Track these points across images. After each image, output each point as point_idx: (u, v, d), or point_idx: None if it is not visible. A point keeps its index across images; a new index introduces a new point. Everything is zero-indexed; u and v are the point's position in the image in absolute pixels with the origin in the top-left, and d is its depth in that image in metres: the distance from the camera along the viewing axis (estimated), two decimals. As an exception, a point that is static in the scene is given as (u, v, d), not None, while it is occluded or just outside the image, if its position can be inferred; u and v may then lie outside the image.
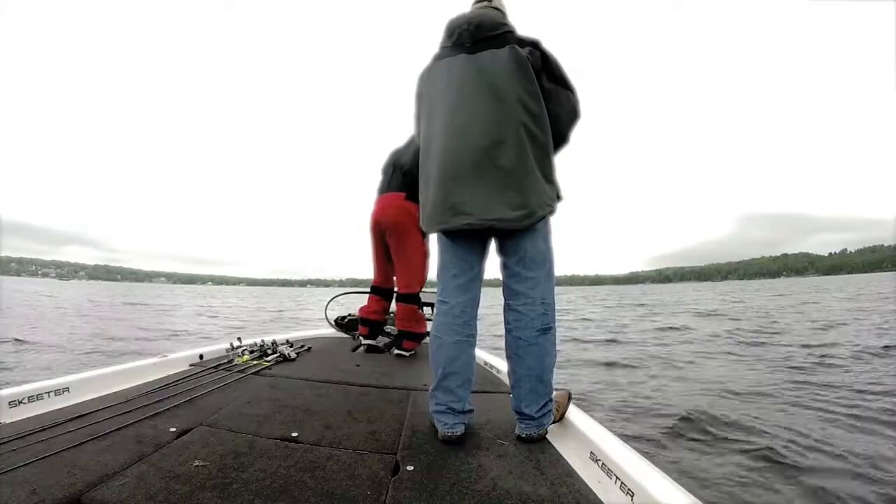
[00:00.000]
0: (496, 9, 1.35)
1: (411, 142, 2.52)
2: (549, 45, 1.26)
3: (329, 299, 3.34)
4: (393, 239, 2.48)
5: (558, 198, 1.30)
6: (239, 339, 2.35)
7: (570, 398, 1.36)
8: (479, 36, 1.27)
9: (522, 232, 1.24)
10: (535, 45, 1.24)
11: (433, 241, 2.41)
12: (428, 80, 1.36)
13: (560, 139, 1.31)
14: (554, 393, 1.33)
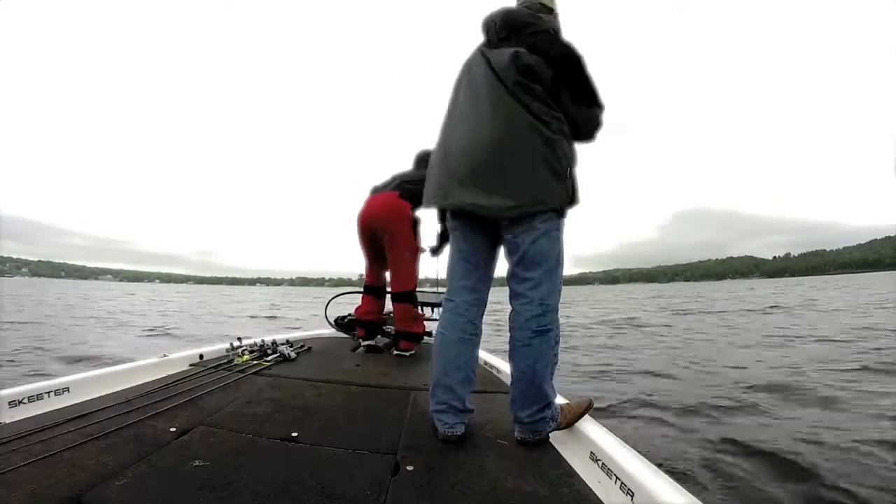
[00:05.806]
0: (528, 8, 1.36)
1: (418, 165, 2.62)
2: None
3: (329, 299, 3.34)
4: (386, 237, 2.48)
5: (572, 200, 1.24)
6: (239, 338, 2.36)
7: (589, 407, 1.31)
8: (502, 34, 1.29)
9: (523, 230, 1.23)
10: (565, 55, 1.22)
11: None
12: (462, 72, 1.39)
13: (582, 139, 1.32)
14: (570, 401, 1.31)
